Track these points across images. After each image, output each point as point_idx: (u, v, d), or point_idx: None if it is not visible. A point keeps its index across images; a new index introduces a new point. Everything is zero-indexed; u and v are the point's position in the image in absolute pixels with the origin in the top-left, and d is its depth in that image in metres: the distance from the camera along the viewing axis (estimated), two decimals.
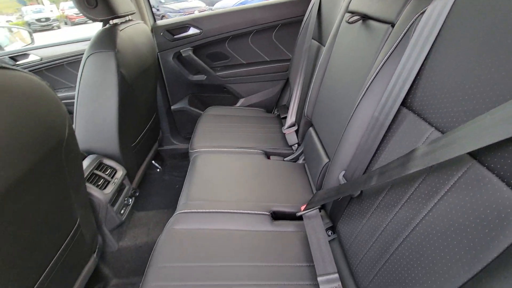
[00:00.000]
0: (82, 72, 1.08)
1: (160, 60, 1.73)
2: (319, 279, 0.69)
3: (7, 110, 0.49)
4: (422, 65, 0.56)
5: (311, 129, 1.16)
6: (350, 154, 0.74)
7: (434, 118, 0.53)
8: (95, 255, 1.01)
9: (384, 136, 0.64)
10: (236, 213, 0.94)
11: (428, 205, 0.49)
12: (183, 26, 1.69)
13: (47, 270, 0.69)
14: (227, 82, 1.83)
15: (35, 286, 0.66)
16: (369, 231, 0.65)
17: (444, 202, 0.46)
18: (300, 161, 1.27)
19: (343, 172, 0.77)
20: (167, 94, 1.86)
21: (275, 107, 1.87)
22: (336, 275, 0.69)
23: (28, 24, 11.25)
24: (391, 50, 0.63)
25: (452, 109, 0.49)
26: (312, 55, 1.34)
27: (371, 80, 0.68)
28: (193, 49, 1.71)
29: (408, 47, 0.58)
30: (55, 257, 0.72)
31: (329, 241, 0.83)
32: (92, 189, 1.01)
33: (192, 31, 1.70)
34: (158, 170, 1.96)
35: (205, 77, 1.80)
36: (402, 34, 0.61)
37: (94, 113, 1.10)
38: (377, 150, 0.66)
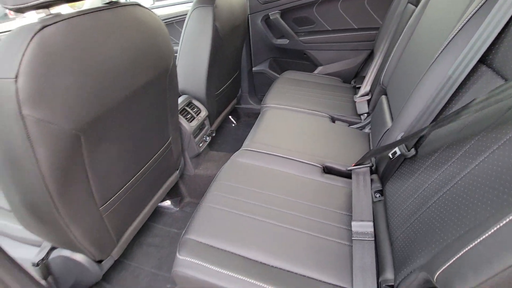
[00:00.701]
0: (186, 24, 1.30)
1: (249, 22, 1.87)
2: (353, 223, 0.75)
3: (139, 34, 0.70)
4: None
5: (383, 97, 1.12)
6: (413, 115, 0.73)
7: None
8: (177, 172, 1.29)
9: (453, 95, 0.62)
10: (291, 159, 1.04)
11: (477, 160, 0.48)
12: None
13: (148, 163, 0.96)
14: (308, 48, 1.85)
15: (139, 172, 0.92)
16: (413, 188, 0.66)
17: (493, 155, 0.45)
18: (366, 130, 1.25)
19: (402, 134, 0.76)
20: (251, 55, 2.01)
21: (353, 78, 1.81)
22: (370, 223, 0.73)
23: None
24: (482, 1, 0.58)
25: None
26: (405, 21, 1.23)
27: (453, 35, 0.63)
28: (281, 13, 1.78)
29: None
30: (153, 158, 0.99)
31: (375, 202, 0.85)
32: (182, 120, 1.26)
33: None
34: (233, 124, 2.21)
35: (288, 41, 1.86)
36: None
37: (190, 60, 1.33)
38: (442, 110, 0.64)
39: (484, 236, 0.35)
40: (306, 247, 0.73)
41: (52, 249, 0.86)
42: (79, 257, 0.82)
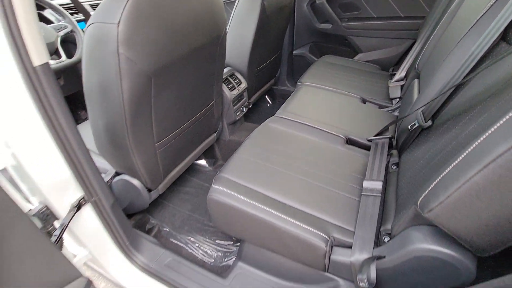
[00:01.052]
0: (237, 4, 1.44)
1: (295, 5, 1.95)
2: (364, 182, 0.84)
3: (200, 2, 0.85)
4: None
5: (415, 80, 1.16)
6: (435, 91, 0.79)
7: None
8: (215, 134, 1.46)
9: (472, 70, 0.67)
10: (318, 129, 1.14)
11: (478, 120, 0.55)
12: None
13: (193, 118, 1.13)
14: (350, 34, 1.89)
15: (186, 123, 1.10)
16: (423, 152, 0.73)
17: (491, 112, 0.52)
18: (396, 113, 1.30)
19: (422, 108, 0.83)
20: (293, 38, 2.10)
21: (392, 67, 1.82)
22: (380, 182, 0.82)
23: None
24: None
25: None
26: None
27: (481, 15, 0.68)
28: None
29: None
30: (197, 114, 1.16)
31: (391, 172, 0.93)
32: (224, 87, 1.42)
33: None
34: (268, 104, 2.33)
35: (331, 26, 1.91)
36: None
37: (237, 35, 1.47)
38: (461, 84, 0.70)
39: (456, 161, 0.44)
40: (320, 196, 0.85)
41: (116, 175, 1.08)
42: (135, 182, 1.03)
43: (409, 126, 0.85)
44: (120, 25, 0.64)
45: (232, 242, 1.20)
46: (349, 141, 1.11)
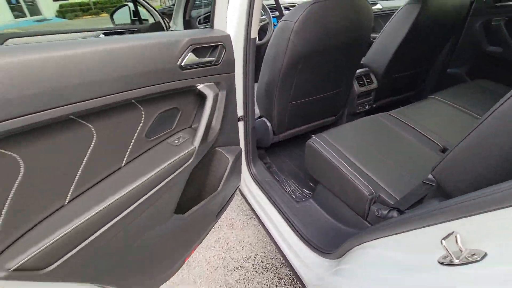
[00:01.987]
0: (395, 14, 1.67)
1: (466, 24, 1.90)
2: (430, 175, 1.00)
3: (352, 10, 1.22)
4: None
5: None
6: None
7: None
8: (334, 117, 1.81)
9: None
10: (419, 132, 1.29)
11: None
12: None
13: (322, 95, 1.55)
14: None
15: (312, 98, 1.53)
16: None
17: None
18: None
19: None
20: (451, 56, 2.04)
21: None
22: None
23: None
24: None
25: None
26: None
27: None
28: (506, 20, 1.70)
29: None
30: (323, 95, 1.55)
31: None
32: (355, 82, 1.74)
33: None
34: None
35: (502, 49, 1.76)
36: None
37: (382, 43, 1.70)
38: None
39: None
40: (387, 171, 1.08)
41: (259, 117, 1.68)
42: (268, 123, 1.58)
43: None
44: (296, 23, 1.13)
45: (311, 193, 1.58)
46: (444, 150, 1.21)
